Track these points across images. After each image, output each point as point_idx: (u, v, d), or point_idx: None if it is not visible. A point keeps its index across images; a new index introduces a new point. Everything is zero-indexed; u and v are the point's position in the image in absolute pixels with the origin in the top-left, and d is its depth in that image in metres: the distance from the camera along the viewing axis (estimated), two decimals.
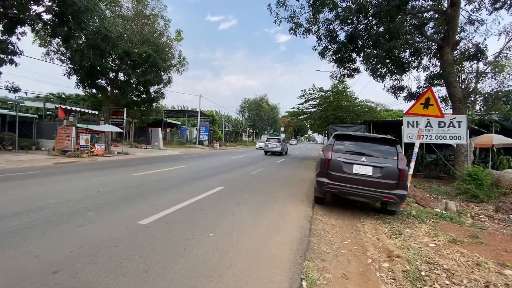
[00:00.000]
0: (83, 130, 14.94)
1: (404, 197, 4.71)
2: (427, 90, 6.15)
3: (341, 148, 5.30)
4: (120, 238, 3.35)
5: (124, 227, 3.74)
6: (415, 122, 9.04)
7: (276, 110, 64.29)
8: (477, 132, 12.36)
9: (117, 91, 18.86)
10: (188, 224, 4.01)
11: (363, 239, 4.00)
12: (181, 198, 5.61)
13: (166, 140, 32.15)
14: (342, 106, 22.82)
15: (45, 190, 5.82)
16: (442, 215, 5.37)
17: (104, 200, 5.15)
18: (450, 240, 4.00)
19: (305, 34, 12.93)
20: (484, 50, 10.67)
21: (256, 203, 5.67)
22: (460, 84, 10.76)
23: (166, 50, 19.28)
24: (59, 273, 2.50)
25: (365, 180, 4.80)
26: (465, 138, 8.50)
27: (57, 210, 4.41)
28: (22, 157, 12.51)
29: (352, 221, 4.93)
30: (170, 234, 3.58)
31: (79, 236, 3.38)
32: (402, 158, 4.82)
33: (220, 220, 4.30)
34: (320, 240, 3.80)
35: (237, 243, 3.40)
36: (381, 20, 10.41)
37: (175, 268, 2.69)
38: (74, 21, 12.09)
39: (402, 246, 3.68)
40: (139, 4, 18.48)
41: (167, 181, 7.64)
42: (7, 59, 12.74)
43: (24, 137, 17.59)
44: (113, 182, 7.15)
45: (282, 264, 2.96)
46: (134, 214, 4.38)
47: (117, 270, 2.59)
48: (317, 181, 5.33)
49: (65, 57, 16.66)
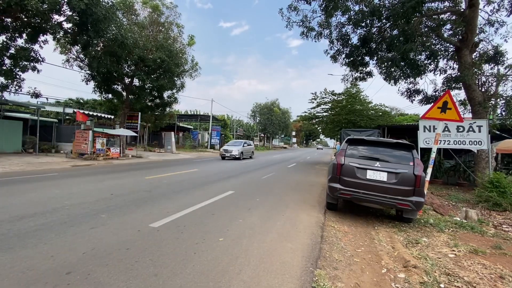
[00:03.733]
0: (99, 134, 15.40)
1: (421, 204, 4.52)
2: (445, 94, 5.94)
3: (354, 153, 5.17)
4: (131, 241, 3.38)
5: (135, 230, 3.78)
6: (431, 126, 8.77)
7: (287, 115, 64.01)
8: (499, 137, 11.80)
9: (132, 96, 19.40)
10: (198, 228, 4.01)
11: (377, 247, 3.86)
12: (192, 202, 5.63)
13: (178, 144, 32.65)
14: (355, 110, 22.37)
15: (61, 192, 6.01)
16: (462, 224, 5.11)
17: (117, 203, 5.25)
18: (471, 250, 3.79)
19: (317, 38, 12.85)
20: (503, 52, 10.25)
21: (266, 208, 5.61)
22: (480, 87, 10.35)
23: (179, 56, 19.70)
24: (72, 274, 2.54)
25: (379, 186, 4.65)
26: (486, 143, 8.14)
27: (72, 211, 4.52)
28: (42, 160, 13.00)
29: (366, 228, 4.78)
30: (180, 238, 3.58)
31: (92, 238, 3.44)
32: (418, 164, 4.64)
33: (230, 225, 4.27)
34: (332, 248, 3.69)
35: (247, 249, 3.35)
36: (395, 22, 10.21)
37: (184, 272, 2.68)
38: (93, 29, 12.60)
39: (419, 255, 3.51)
40: (155, 13, 19.04)
41: (178, 185, 7.71)
42: (29, 66, 13.38)
43: (45, 140, 18.33)
44: (126, 185, 7.29)
45: (293, 272, 2.88)
46: (146, 217, 4.42)
47: (128, 273, 2.60)
48: (329, 186, 5.22)
49: (84, 63, 17.34)
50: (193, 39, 21.76)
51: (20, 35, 12.76)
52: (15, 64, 12.92)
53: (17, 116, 17.91)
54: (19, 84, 13.85)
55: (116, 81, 18.58)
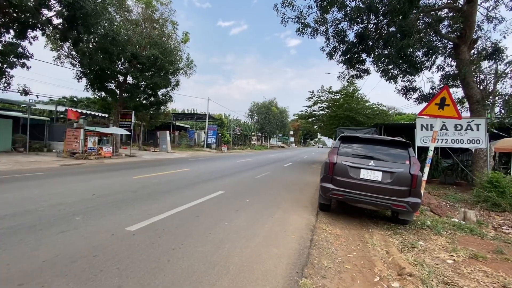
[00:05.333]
0: (90, 133, 15.05)
1: (418, 205, 4.26)
2: (443, 89, 5.69)
3: (347, 151, 4.90)
4: (102, 247, 3.09)
5: (109, 234, 3.48)
6: (429, 125, 8.56)
7: (285, 114, 63.65)
8: (497, 136, 11.60)
9: (125, 94, 19.01)
10: (178, 232, 3.72)
11: (371, 252, 3.59)
12: (178, 203, 5.35)
13: (174, 143, 32.30)
14: (352, 108, 22.17)
15: (41, 193, 5.69)
16: (461, 226, 4.87)
17: (97, 204, 4.95)
18: (471, 255, 3.54)
19: (313, 34, 12.57)
20: (502, 49, 10.02)
21: (256, 210, 5.33)
22: (478, 85, 10.13)
23: (174, 53, 19.34)
24: (24, 285, 2.26)
25: (373, 187, 4.39)
26: (485, 142, 7.93)
27: (46, 213, 4.22)
28: (31, 159, 12.65)
29: (359, 231, 4.52)
30: (156, 242, 3.29)
31: (59, 243, 3.14)
32: (415, 163, 4.38)
33: (213, 228, 3.99)
34: (322, 253, 3.42)
35: (227, 256, 3.06)
36: (392, 18, 9.97)
37: (152, 284, 2.39)
38: (82, 24, 12.23)
39: (415, 262, 3.25)
40: (148, 9, 18.66)
41: (167, 185, 7.41)
42: (18, 63, 13.01)
43: (36, 139, 17.93)
44: (112, 185, 6.99)
45: (275, 282, 2.60)
46: (124, 219, 4.13)
47: (87, 284, 2.31)
48: (321, 186, 4.95)
49: (76, 61, 16.94)
50: (188, 36, 21.38)
51: (8, 31, 12.38)
52: (3, 61, 12.54)
53: (7, 114, 17.49)
54: (8, 81, 13.48)
55: (109, 78, 18.19)
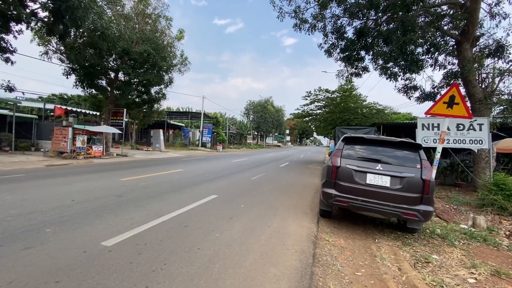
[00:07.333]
0: (79, 131, 14.43)
1: (430, 214, 3.85)
2: (452, 86, 5.30)
3: (351, 154, 4.47)
4: (69, 268, 2.61)
5: (81, 251, 3.00)
6: (430, 124, 8.24)
7: (281, 113, 63.29)
8: (498, 136, 11.34)
9: (117, 92, 18.34)
10: (162, 247, 3.25)
11: (381, 268, 3.18)
12: (166, 210, 4.87)
13: (168, 142, 31.65)
14: (350, 107, 21.85)
15: (13, 198, 5.15)
16: (473, 235, 4.49)
17: (75, 212, 4.44)
18: (493, 272, 3.15)
19: (311, 30, 12.13)
20: (506, 46, 9.72)
21: (251, 217, 4.88)
22: (480, 84, 9.83)
23: (167, 50, 18.73)
24: None
25: (381, 193, 3.98)
26: (487, 143, 7.64)
27: (12, 225, 3.71)
28: (15, 159, 12.01)
29: (365, 241, 4.10)
30: (135, 262, 2.82)
31: (18, 264, 2.65)
32: (426, 166, 3.97)
33: (203, 241, 3.52)
34: (327, 271, 2.99)
35: (217, 279, 2.60)
36: (394, 13, 9.59)
37: None
38: (69, 17, 11.59)
39: (433, 282, 2.84)
40: (141, 3, 18.01)
41: (156, 188, 6.91)
42: (1, 57, 12.33)
43: (24, 138, 17.21)
44: (96, 189, 6.46)
45: None
46: (102, 231, 3.64)
47: None
48: (323, 192, 4.52)
49: (64, 56, 16.23)
50: (183, 33, 20.77)
51: None
52: None
53: None
54: None
55: (100, 75, 17.50)
